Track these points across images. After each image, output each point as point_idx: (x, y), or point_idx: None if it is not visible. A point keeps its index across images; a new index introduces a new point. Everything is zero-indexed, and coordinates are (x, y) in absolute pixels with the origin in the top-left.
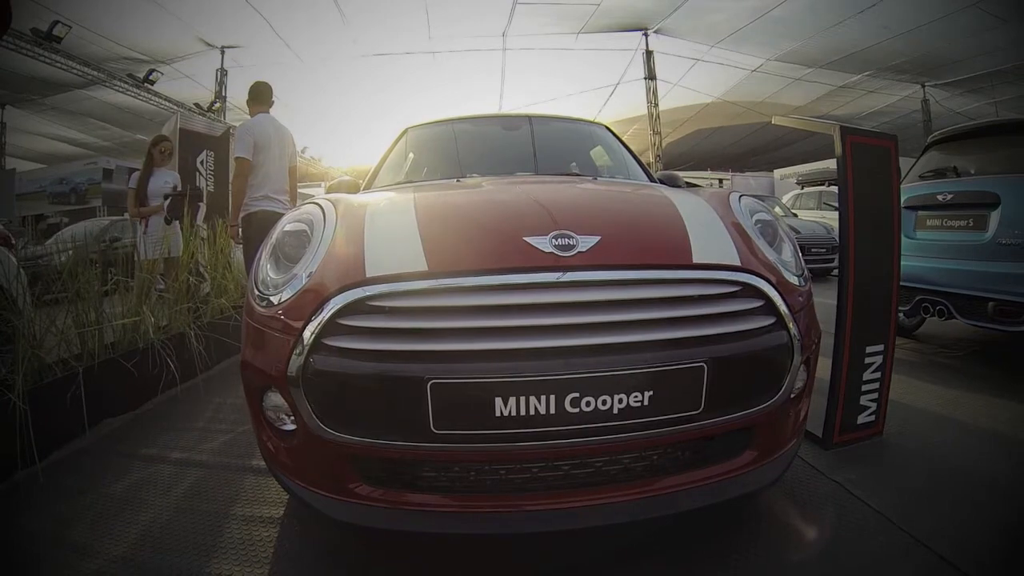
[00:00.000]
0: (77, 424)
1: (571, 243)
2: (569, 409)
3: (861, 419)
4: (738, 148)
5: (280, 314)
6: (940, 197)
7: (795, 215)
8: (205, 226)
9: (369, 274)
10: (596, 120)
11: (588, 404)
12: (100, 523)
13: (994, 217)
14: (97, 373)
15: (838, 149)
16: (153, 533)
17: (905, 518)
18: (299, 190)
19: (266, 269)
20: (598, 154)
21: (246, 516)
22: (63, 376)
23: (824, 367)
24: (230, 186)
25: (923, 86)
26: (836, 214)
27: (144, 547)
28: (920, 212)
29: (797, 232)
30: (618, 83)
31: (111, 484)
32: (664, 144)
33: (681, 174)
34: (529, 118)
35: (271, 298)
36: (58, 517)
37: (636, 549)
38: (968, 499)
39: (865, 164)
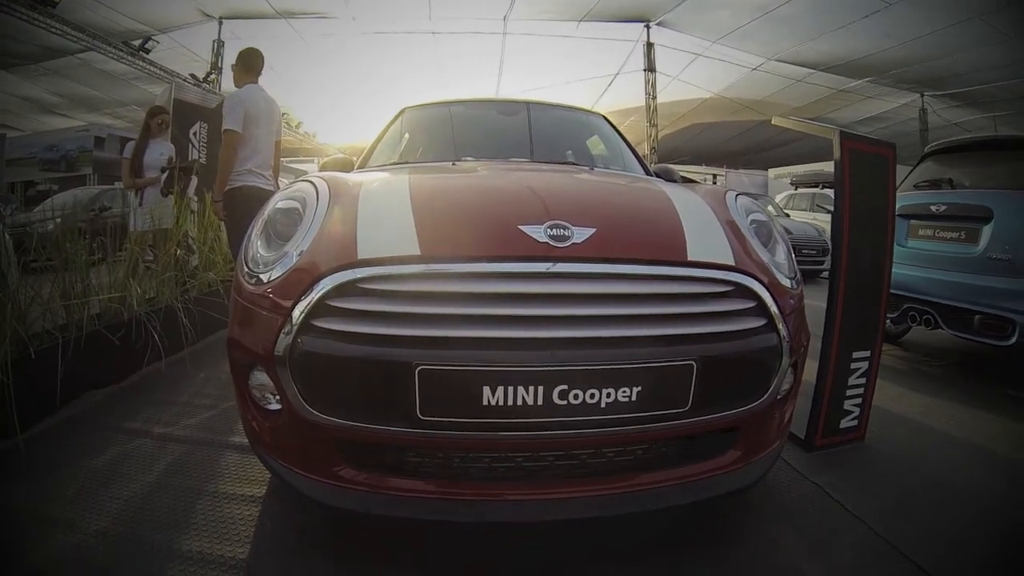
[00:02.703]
0: (60, 396)
1: (566, 234)
2: (557, 401)
3: (844, 423)
4: (733, 145)
5: (269, 292)
6: (934, 208)
7: (787, 215)
8: (196, 198)
9: (361, 256)
10: (594, 110)
11: (576, 397)
12: (81, 497)
13: (986, 231)
14: (82, 345)
15: (837, 154)
16: (134, 508)
17: (883, 524)
18: (292, 165)
19: (256, 246)
20: (595, 144)
21: (227, 494)
22: (47, 347)
23: (810, 369)
24: (219, 158)
25: (922, 95)
26: (828, 217)
27: (124, 522)
28: (913, 221)
29: (789, 233)
30: (617, 73)
31: (93, 458)
32: (659, 137)
33: (676, 168)
34: (527, 104)
35: (260, 276)
36: (38, 491)
37: (604, 541)
38: (945, 510)
39: (862, 170)
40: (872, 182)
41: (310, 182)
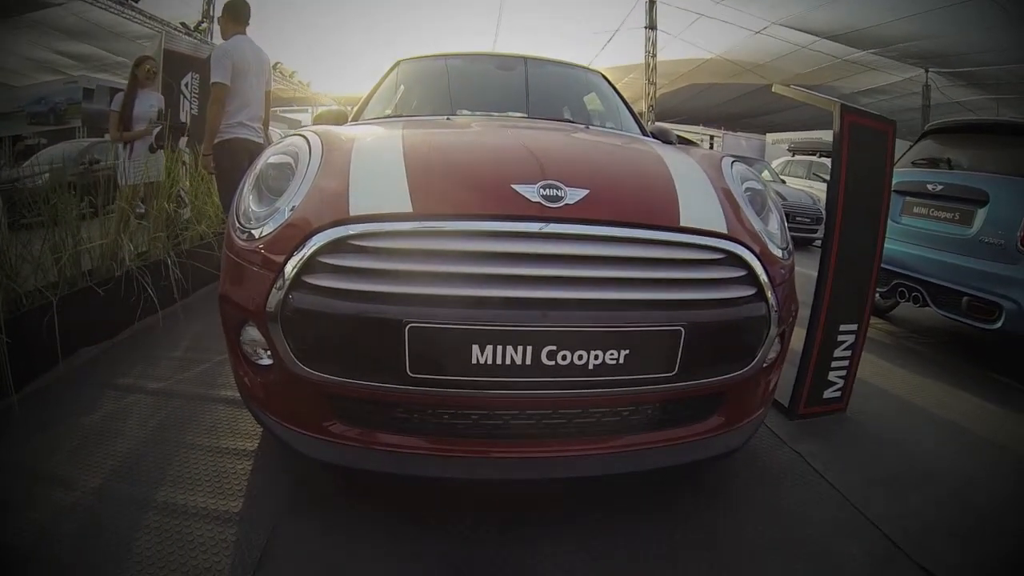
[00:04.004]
0: (53, 354)
1: (559, 194)
2: (545, 361)
3: (827, 394)
4: (732, 107)
5: (260, 248)
6: (930, 186)
7: (783, 181)
8: (187, 151)
9: (353, 212)
10: (592, 67)
11: (564, 358)
12: (77, 455)
13: (980, 214)
14: (74, 301)
15: (836, 127)
16: (129, 465)
17: (858, 496)
18: (287, 115)
19: (248, 201)
20: (592, 102)
21: (221, 448)
22: (39, 305)
23: (798, 337)
24: (207, 112)
25: (927, 71)
26: (824, 185)
27: (121, 479)
28: (908, 198)
29: (784, 199)
30: (616, 30)
31: (88, 415)
32: (657, 95)
33: (672, 127)
34: (524, 59)
35: (252, 231)
36: (35, 449)
37: (586, 497)
38: (919, 485)
39: (861, 145)
40: (870, 157)
41: (303, 136)
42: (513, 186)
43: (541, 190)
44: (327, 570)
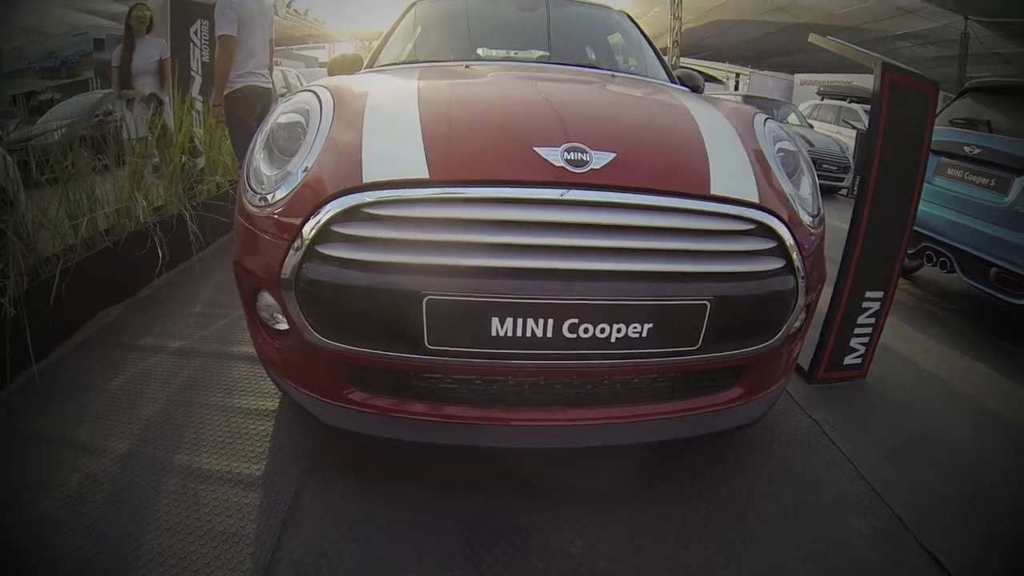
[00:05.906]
0: (74, 318)
1: (584, 158)
2: (567, 335)
3: (848, 360)
4: (759, 44)
5: (273, 215)
6: (967, 148)
7: (811, 126)
8: (200, 99)
9: (366, 179)
10: (618, 9)
11: (586, 331)
12: (102, 421)
13: (1018, 183)
14: (92, 263)
15: (876, 85)
16: (155, 428)
17: (871, 469)
18: (304, 52)
19: (259, 161)
20: (617, 45)
21: (242, 408)
22: (58, 272)
23: (823, 298)
24: (215, 64)
25: (966, 18)
26: (853, 132)
27: (145, 443)
28: (943, 159)
29: (810, 144)
30: None
31: (110, 379)
32: (682, 30)
33: (697, 63)
34: None
35: (265, 196)
36: (60, 418)
37: (598, 464)
38: (933, 460)
39: (901, 105)
40: (909, 119)
41: (313, 92)
42: (536, 149)
43: (565, 153)
44: (350, 534)
